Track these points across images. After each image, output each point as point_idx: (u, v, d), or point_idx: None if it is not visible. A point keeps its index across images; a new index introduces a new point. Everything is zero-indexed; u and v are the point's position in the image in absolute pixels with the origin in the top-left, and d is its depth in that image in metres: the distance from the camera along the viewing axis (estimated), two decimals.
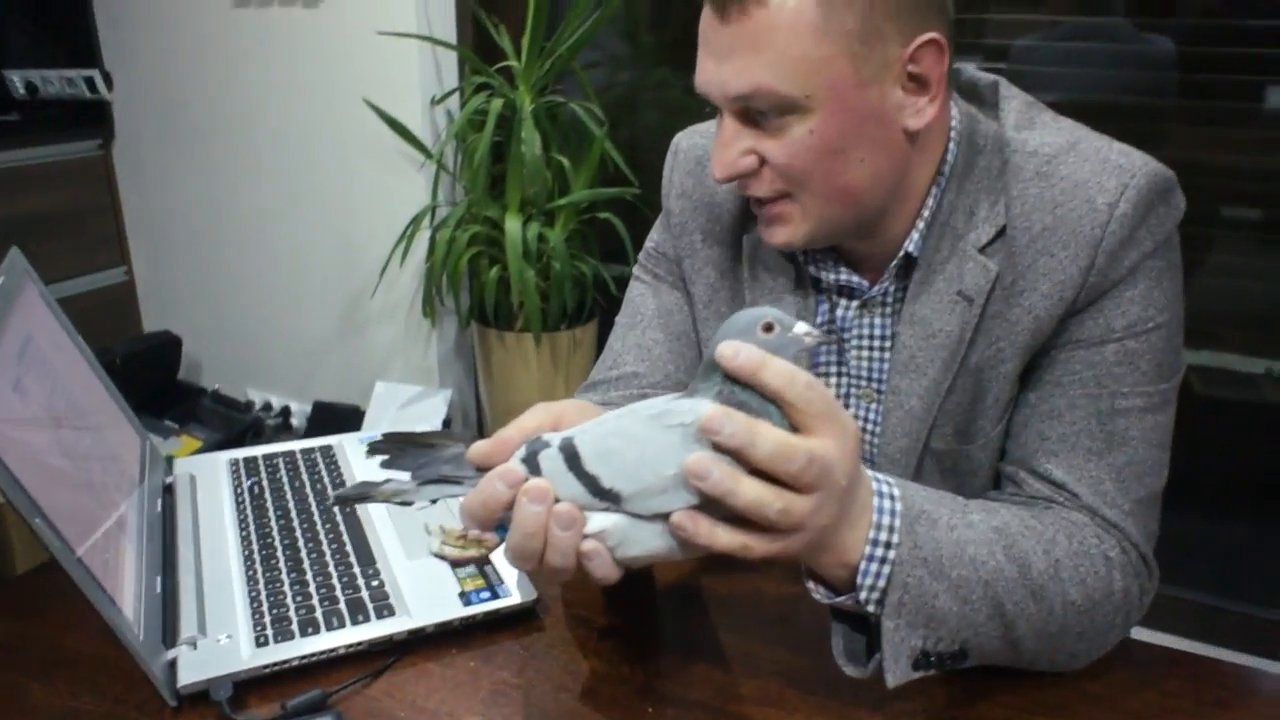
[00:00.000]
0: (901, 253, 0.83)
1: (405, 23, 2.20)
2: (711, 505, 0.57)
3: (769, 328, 0.59)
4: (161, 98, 2.62)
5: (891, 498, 0.66)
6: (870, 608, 0.66)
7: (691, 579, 0.89)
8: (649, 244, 0.99)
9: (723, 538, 0.57)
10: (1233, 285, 1.91)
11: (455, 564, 0.63)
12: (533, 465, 0.60)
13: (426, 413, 2.45)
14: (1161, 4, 1.84)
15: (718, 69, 0.74)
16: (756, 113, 0.75)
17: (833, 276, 0.87)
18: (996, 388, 0.81)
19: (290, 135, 2.47)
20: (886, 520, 0.65)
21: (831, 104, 0.73)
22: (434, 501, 0.66)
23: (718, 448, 0.56)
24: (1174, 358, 0.79)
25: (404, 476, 0.65)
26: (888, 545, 0.64)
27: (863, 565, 0.64)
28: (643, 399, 0.92)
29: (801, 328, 0.59)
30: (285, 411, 2.73)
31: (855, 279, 0.86)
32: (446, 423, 2.45)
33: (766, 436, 0.55)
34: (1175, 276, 0.79)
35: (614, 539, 0.59)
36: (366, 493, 0.65)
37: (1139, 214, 0.75)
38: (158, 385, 2.73)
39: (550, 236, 2.11)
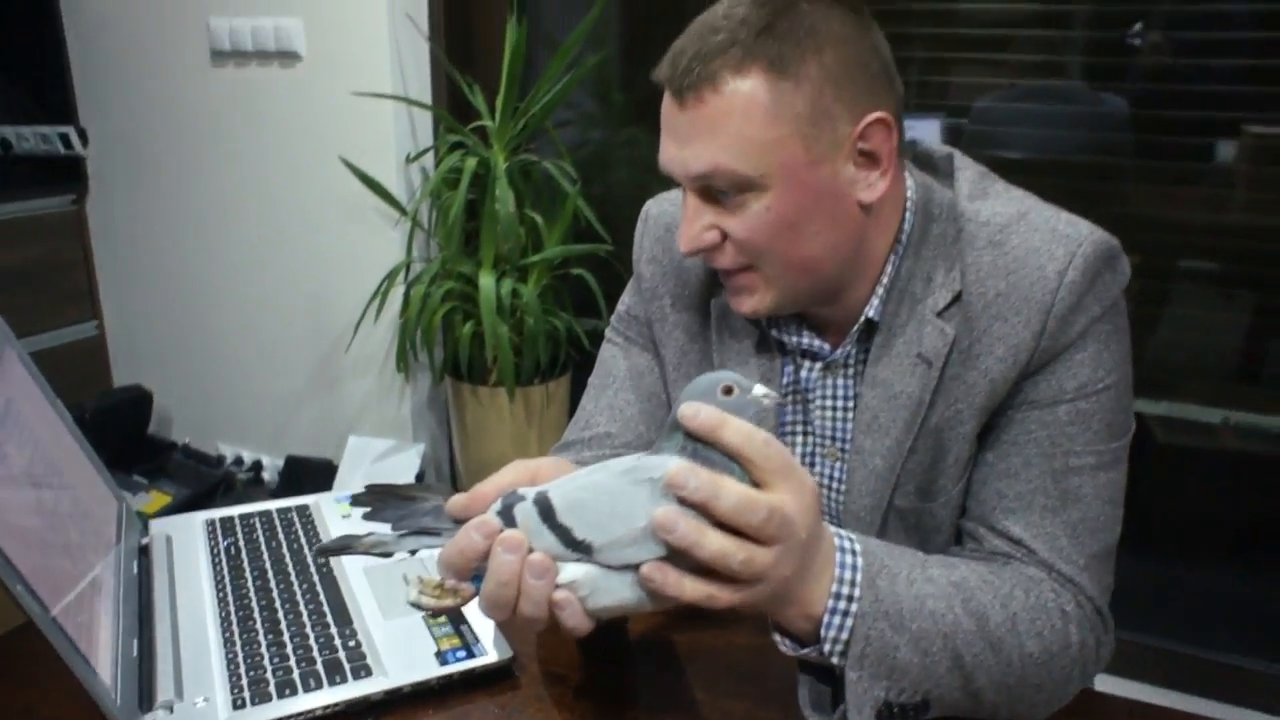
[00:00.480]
0: (863, 318, 0.86)
1: (381, 83, 2.24)
2: (679, 557, 0.60)
3: (729, 390, 0.63)
4: (137, 154, 2.64)
5: (853, 553, 0.68)
6: (834, 659, 0.68)
7: (663, 633, 0.91)
8: (621, 307, 1.02)
9: (689, 588, 0.60)
10: (1190, 338, 1.97)
11: (432, 613, 0.66)
12: (508, 518, 0.63)
13: (399, 467, 2.46)
14: (1113, 68, 1.92)
15: (679, 151, 0.78)
16: (717, 191, 0.79)
17: (796, 340, 0.90)
18: (956, 447, 0.84)
19: (266, 191, 2.50)
20: (849, 575, 0.67)
21: (786, 182, 0.77)
22: (413, 553, 0.69)
23: (683, 502, 0.59)
24: (1124, 417, 0.83)
25: (384, 528, 0.68)
26: (850, 599, 0.67)
27: (826, 618, 0.67)
28: (615, 458, 0.95)
29: (759, 390, 0.63)
30: (257, 466, 2.72)
31: (817, 342, 0.89)
32: (419, 477, 2.45)
33: (730, 490, 0.58)
34: (1123, 339, 0.83)
35: (585, 589, 0.62)
36: (348, 544, 0.67)
37: (1087, 281, 0.79)
38: (128, 440, 2.71)
39: (524, 292, 2.13)
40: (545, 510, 0.63)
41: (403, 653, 0.85)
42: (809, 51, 0.75)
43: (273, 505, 1.12)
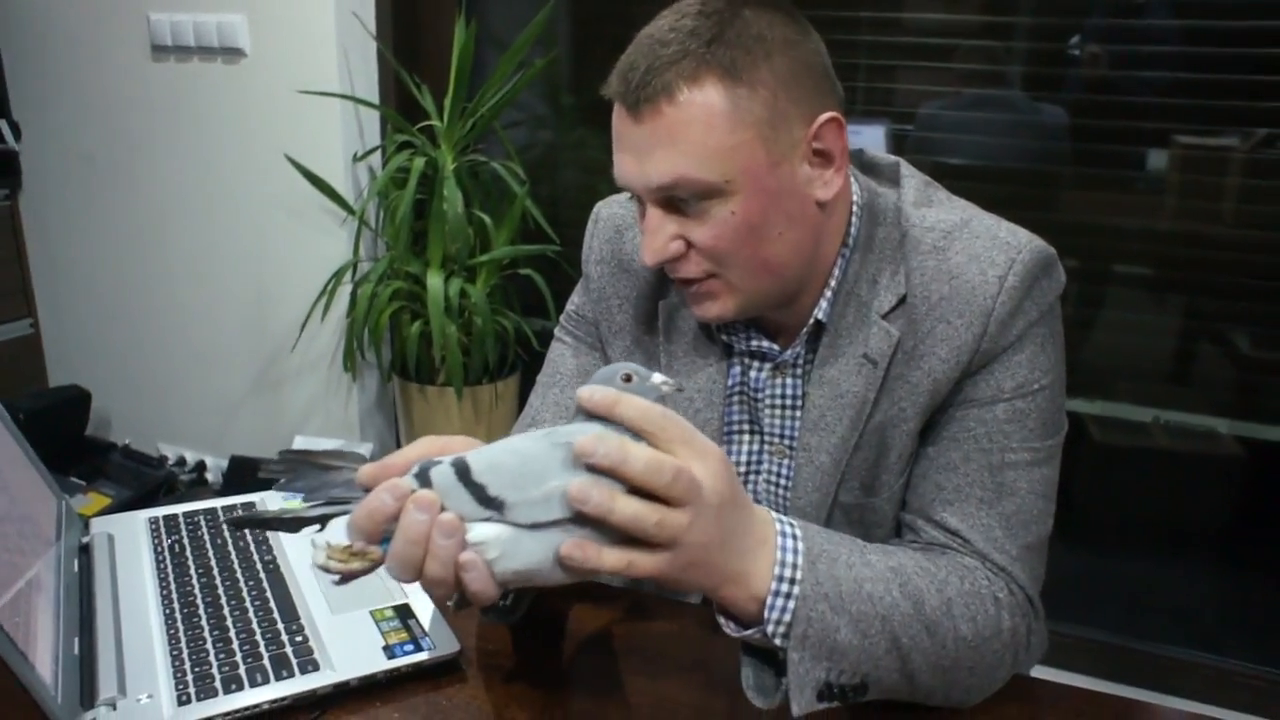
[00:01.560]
0: (812, 320, 0.88)
1: (328, 81, 2.22)
2: (594, 526, 0.61)
3: (628, 378, 0.66)
4: (72, 149, 2.58)
5: (794, 537, 0.71)
6: (776, 640, 0.70)
7: (608, 626, 0.92)
8: (570, 306, 1.03)
9: (608, 558, 0.61)
10: (1123, 340, 2.03)
11: (340, 577, 0.66)
12: (424, 479, 0.64)
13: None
14: (1052, 78, 1.98)
15: (639, 164, 0.79)
16: (679, 200, 0.80)
17: (746, 343, 0.92)
18: (899, 444, 0.87)
19: (208, 189, 2.46)
20: (790, 558, 0.70)
21: (749, 185, 0.78)
22: (321, 526, 0.68)
23: (593, 469, 0.60)
24: (1058, 416, 0.86)
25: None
26: (792, 581, 0.69)
27: (769, 600, 0.69)
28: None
29: (658, 378, 0.66)
30: (200, 466, 2.67)
31: (766, 344, 0.91)
32: None
33: (637, 454, 0.60)
34: (1058, 343, 0.87)
35: (494, 550, 0.62)
36: (258, 516, 0.67)
37: (1025, 286, 0.83)
38: (64, 441, 2.65)
39: (472, 292, 2.13)
40: (461, 470, 0.63)
41: (350, 647, 0.85)
42: (759, 57, 0.77)
43: (218, 503, 1.11)
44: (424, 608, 0.92)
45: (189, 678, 0.81)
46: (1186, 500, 2.10)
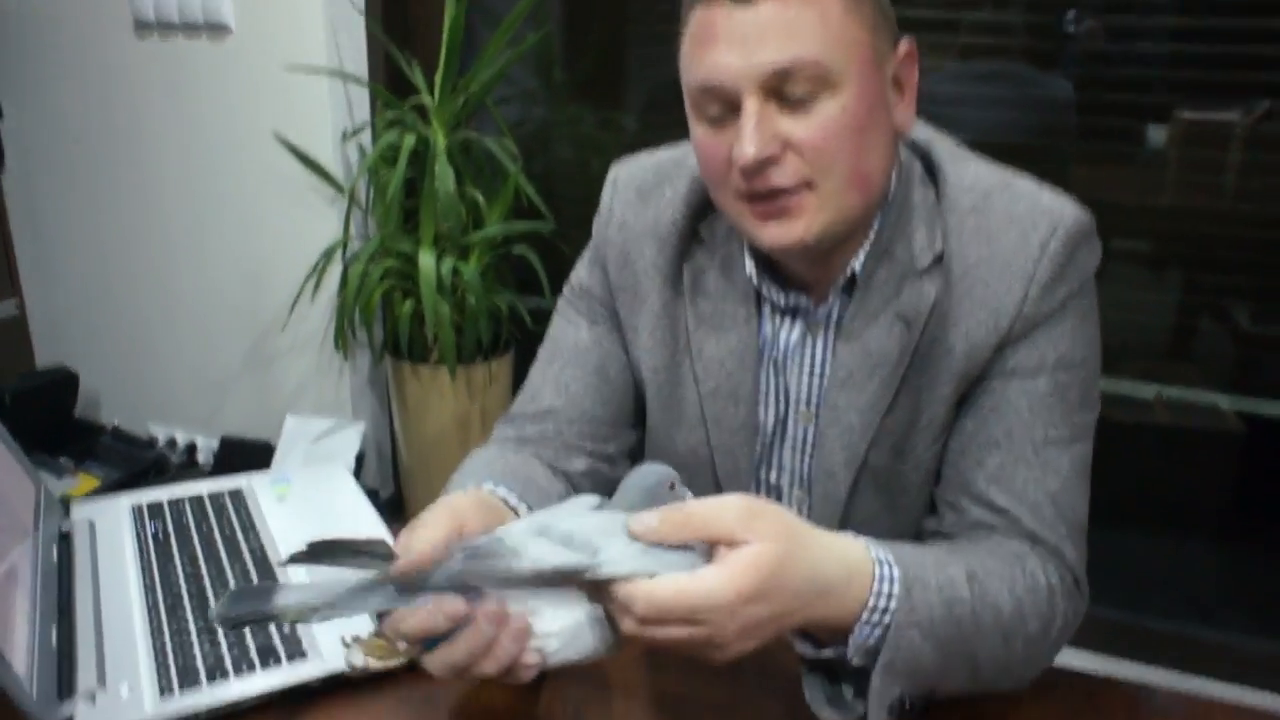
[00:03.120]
0: (848, 271, 0.85)
1: (316, 56, 2.18)
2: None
3: (672, 486, 0.68)
4: (57, 127, 2.54)
5: (889, 563, 0.69)
6: (855, 661, 0.69)
7: None
8: (574, 279, 1.00)
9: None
10: (1126, 316, 2.01)
11: (375, 674, 0.64)
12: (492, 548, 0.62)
13: (339, 447, 2.41)
14: (1054, 52, 1.94)
15: (745, 52, 0.74)
16: (787, 94, 0.75)
17: (779, 297, 0.89)
18: (932, 410, 0.85)
19: (196, 167, 2.41)
20: (885, 588, 0.68)
21: (860, 82, 0.75)
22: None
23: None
24: (1095, 393, 0.84)
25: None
26: (884, 610, 0.68)
27: (858, 629, 0.68)
28: (559, 435, 0.93)
29: (687, 492, 0.69)
30: (191, 448, 2.65)
31: (803, 300, 0.88)
32: (359, 458, 2.40)
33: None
34: (1096, 317, 0.85)
35: (556, 643, 0.63)
36: (265, 613, 0.61)
37: (1068, 253, 0.80)
38: (52, 423, 2.62)
39: (464, 270, 2.10)
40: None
41: (339, 636, 0.82)
42: None
43: (204, 488, 1.08)
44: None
45: (171, 668, 0.78)
46: (1189, 477, 2.08)
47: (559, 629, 0.62)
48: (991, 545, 0.79)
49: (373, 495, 2.49)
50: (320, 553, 0.64)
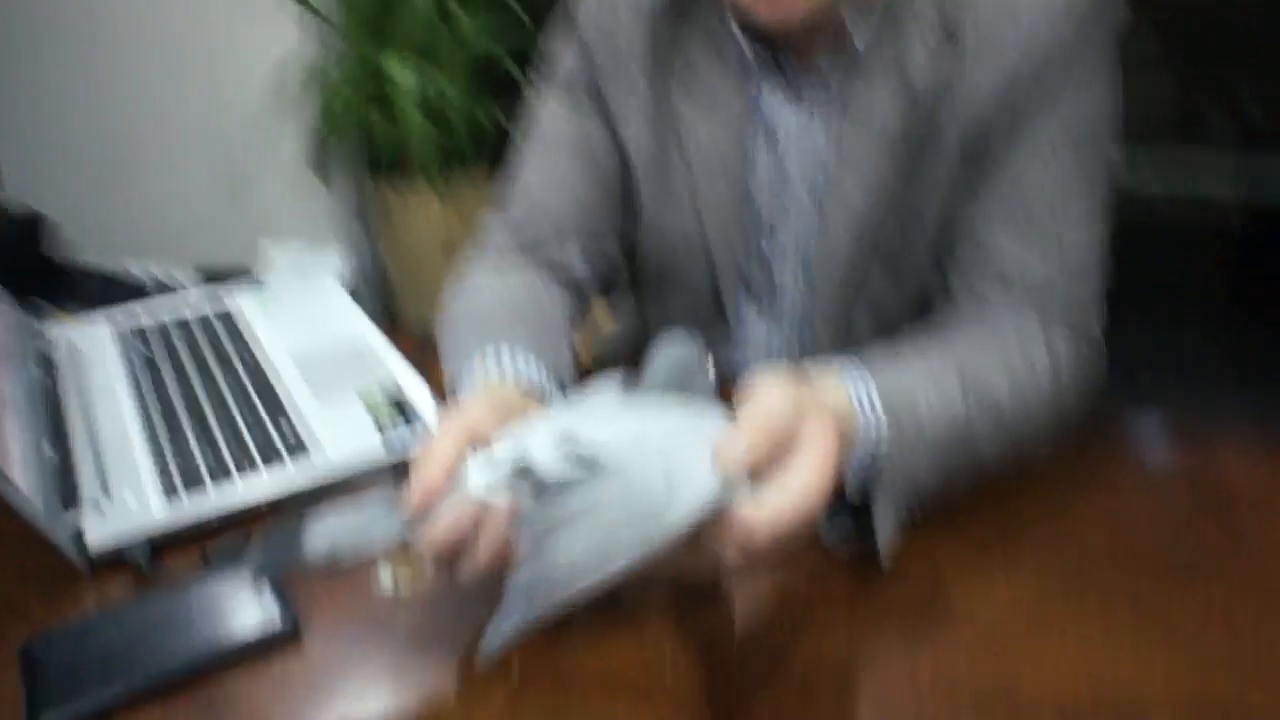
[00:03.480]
0: (849, 43, 0.79)
1: None
2: None
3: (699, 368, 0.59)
4: None
5: (871, 403, 0.64)
6: (855, 501, 0.66)
7: None
8: (560, 67, 0.92)
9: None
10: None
11: (408, 592, 0.58)
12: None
13: (319, 270, 2.35)
14: None
15: None
16: None
17: (774, 74, 0.83)
18: (939, 174, 0.80)
19: None
20: (873, 434, 0.64)
21: None
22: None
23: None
24: (1114, 161, 0.80)
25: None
26: (874, 457, 0.64)
27: (851, 475, 0.64)
28: (551, 226, 0.88)
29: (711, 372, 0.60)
30: (169, 281, 2.59)
31: (800, 76, 0.82)
32: (344, 281, 2.35)
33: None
34: (1118, 82, 0.79)
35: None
36: (300, 562, 0.55)
37: (1090, 7, 0.75)
38: (23, 265, 2.55)
39: (443, 83, 1.99)
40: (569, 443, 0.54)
41: (342, 431, 0.81)
42: None
43: (189, 314, 1.04)
44: (411, 386, 0.87)
45: (174, 472, 0.76)
46: (1190, 270, 2.07)
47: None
48: (990, 327, 0.76)
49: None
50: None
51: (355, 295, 1.09)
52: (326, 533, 0.55)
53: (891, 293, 0.87)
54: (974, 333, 0.76)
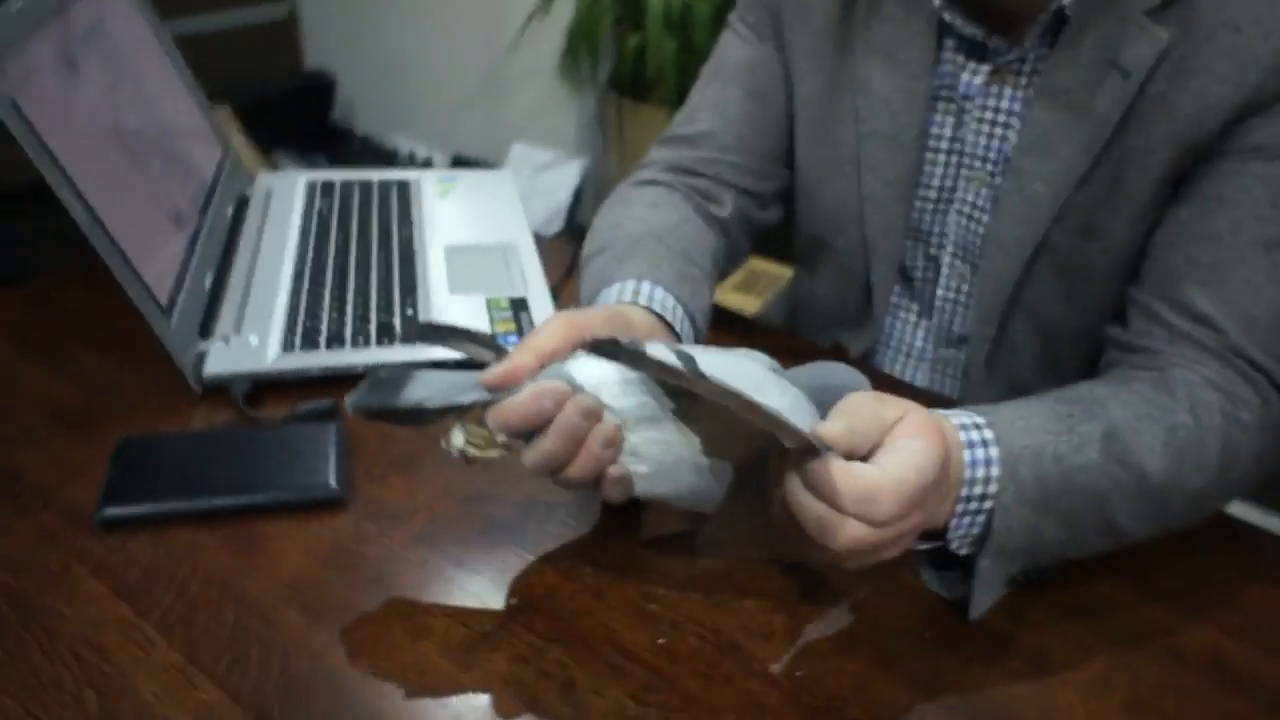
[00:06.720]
0: (1054, 7, 0.69)
1: None
2: None
3: None
4: None
5: (984, 444, 0.57)
6: (962, 551, 0.59)
7: None
8: None
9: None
10: None
11: (472, 462, 0.59)
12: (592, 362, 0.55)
13: (560, 180, 2.43)
14: None
15: None
16: None
17: (968, 30, 0.74)
18: (1137, 185, 0.70)
19: None
20: (981, 473, 0.57)
21: None
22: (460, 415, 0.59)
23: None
24: None
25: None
26: (983, 497, 0.57)
27: (954, 522, 0.57)
28: (713, 164, 0.85)
29: None
30: (428, 162, 2.77)
31: (994, 39, 0.74)
32: (578, 192, 2.41)
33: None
34: None
35: (647, 467, 0.56)
36: (395, 407, 0.57)
37: None
38: (311, 122, 2.80)
39: (696, 6, 1.96)
40: (689, 360, 0.52)
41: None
42: None
43: (374, 176, 1.10)
44: (540, 304, 0.88)
45: (299, 328, 0.82)
46: None
47: (655, 455, 0.55)
48: (1161, 383, 0.65)
49: (585, 230, 2.54)
50: (432, 334, 0.61)
51: (586, 211, 1.10)
52: (422, 383, 0.57)
53: (1058, 303, 0.77)
54: (1140, 386, 0.65)
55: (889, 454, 0.52)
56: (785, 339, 0.97)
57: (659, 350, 0.51)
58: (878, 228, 0.82)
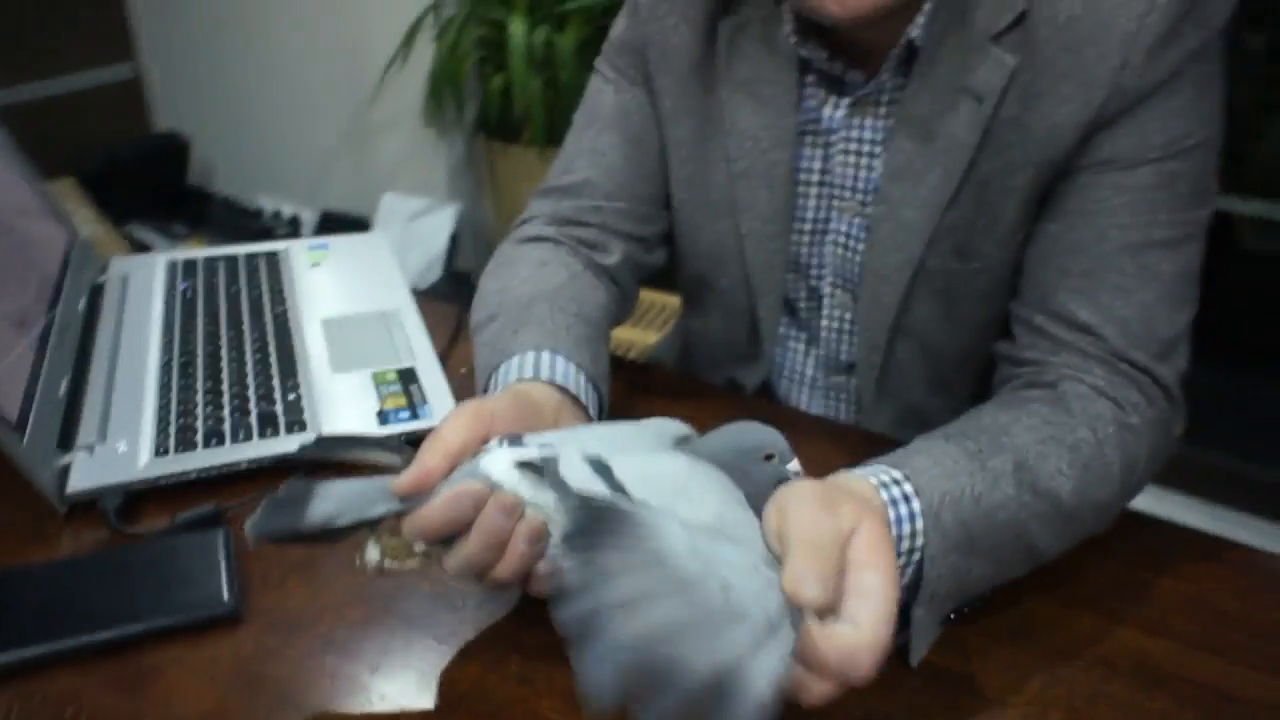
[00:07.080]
0: (904, 39, 0.70)
1: None
2: None
3: (769, 457, 0.55)
4: None
5: (906, 499, 0.57)
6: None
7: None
8: (612, 33, 0.87)
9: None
10: None
11: (392, 575, 0.55)
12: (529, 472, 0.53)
13: (434, 227, 2.38)
14: None
15: None
16: None
17: (824, 66, 0.75)
18: (1003, 204, 0.71)
19: None
20: (907, 529, 0.56)
21: None
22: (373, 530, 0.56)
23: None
24: (1211, 182, 0.68)
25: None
26: (910, 551, 0.57)
27: None
28: (596, 212, 0.83)
29: (795, 465, 0.56)
30: (295, 220, 2.68)
31: (851, 73, 0.74)
32: (454, 238, 2.37)
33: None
34: (1219, 85, 0.67)
35: None
36: (299, 531, 0.53)
37: (1184, 3, 0.63)
38: (166, 188, 2.68)
39: (559, 42, 1.95)
40: (602, 470, 0.51)
41: (343, 410, 0.79)
42: None
43: (240, 250, 1.05)
44: (430, 373, 0.84)
45: (171, 428, 0.76)
46: None
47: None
48: (1055, 401, 0.66)
49: (465, 278, 2.50)
50: (330, 447, 0.58)
51: (464, 255, 1.07)
52: (326, 498, 0.53)
53: (941, 324, 0.78)
54: (1037, 408, 0.66)
55: (859, 601, 0.47)
56: (680, 380, 0.96)
57: (576, 471, 0.50)
58: (758, 264, 0.82)
